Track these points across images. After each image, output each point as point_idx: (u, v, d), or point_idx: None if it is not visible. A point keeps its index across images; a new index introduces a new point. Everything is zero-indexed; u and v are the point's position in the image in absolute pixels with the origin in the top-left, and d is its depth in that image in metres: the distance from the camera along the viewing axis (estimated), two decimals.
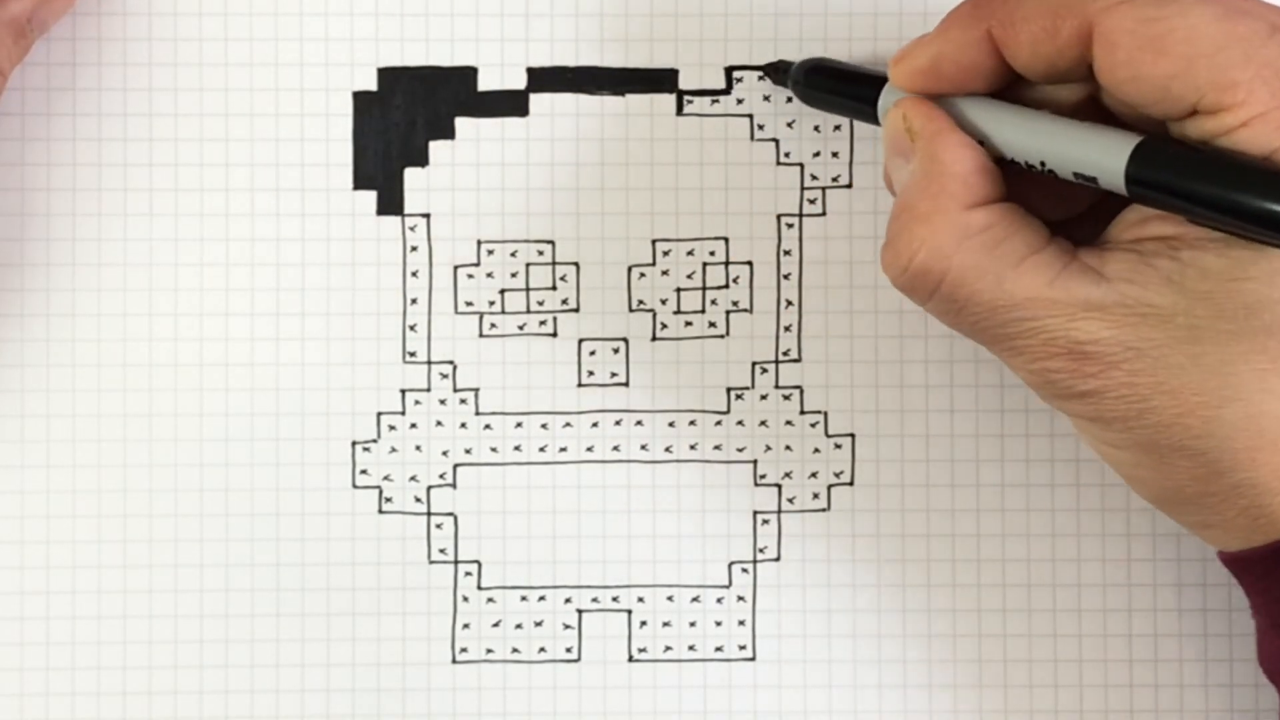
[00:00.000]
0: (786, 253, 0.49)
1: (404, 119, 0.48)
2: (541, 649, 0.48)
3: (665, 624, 0.48)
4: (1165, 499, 0.42)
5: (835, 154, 0.48)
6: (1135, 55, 0.38)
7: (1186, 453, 0.40)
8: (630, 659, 0.48)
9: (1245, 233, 0.38)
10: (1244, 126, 0.38)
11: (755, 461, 0.49)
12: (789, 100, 0.48)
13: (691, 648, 0.48)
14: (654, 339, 0.49)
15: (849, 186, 0.49)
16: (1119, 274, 0.40)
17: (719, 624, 0.48)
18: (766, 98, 0.48)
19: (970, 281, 0.40)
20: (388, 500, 0.48)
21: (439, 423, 0.48)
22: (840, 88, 0.46)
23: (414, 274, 0.48)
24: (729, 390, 0.49)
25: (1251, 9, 0.39)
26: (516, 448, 0.48)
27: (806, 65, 0.47)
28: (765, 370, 0.49)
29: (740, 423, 0.49)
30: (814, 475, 0.49)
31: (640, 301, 0.49)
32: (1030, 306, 0.40)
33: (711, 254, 0.48)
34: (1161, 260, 0.39)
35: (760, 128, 0.48)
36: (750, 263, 0.48)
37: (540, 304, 0.48)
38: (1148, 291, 0.39)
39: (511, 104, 0.49)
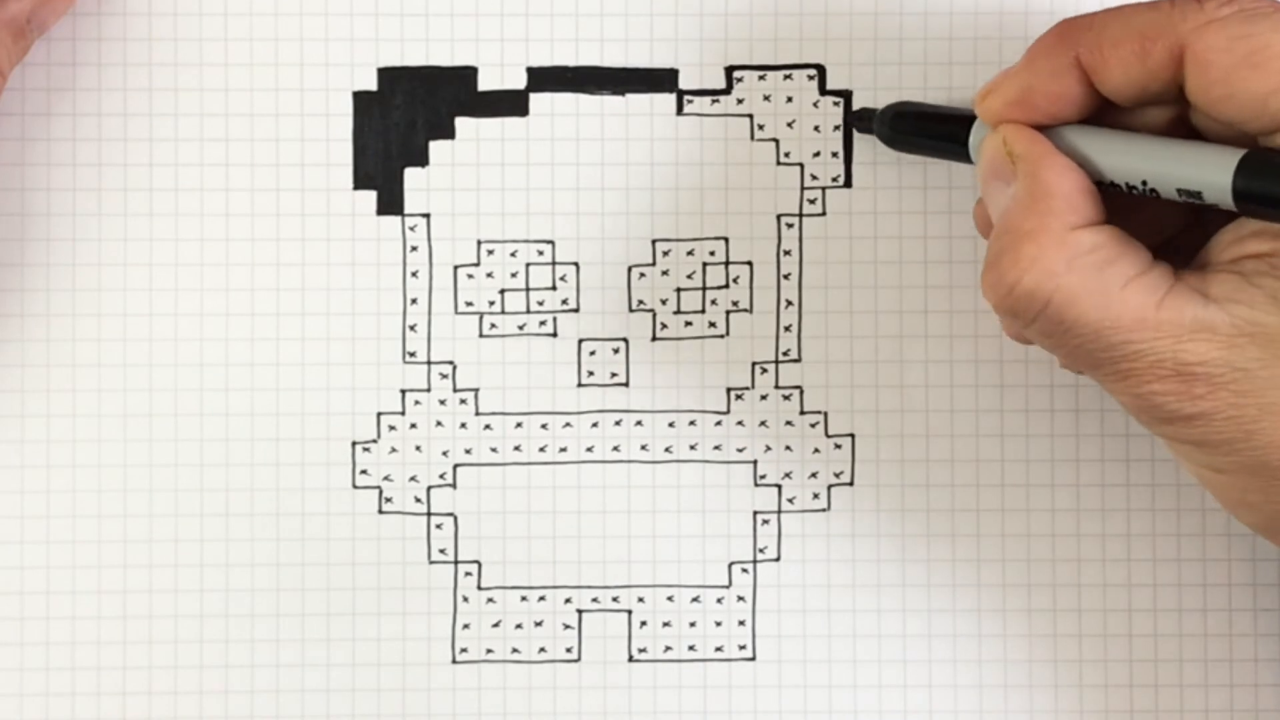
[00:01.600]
0: (786, 253, 0.48)
1: (404, 119, 0.48)
2: (541, 649, 0.48)
3: (665, 624, 0.48)
4: (1274, 525, 0.41)
5: (835, 154, 0.48)
6: (1231, 73, 0.39)
7: None
8: (630, 659, 0.48)
9: None
10: None
11: (755, 461, 0.49)
12: (789, 100, 0.48)
13: (691, 648, 0.48)
14: (654, 339, 0.49)
15: (849, 186, 0.48)
16: (1224, 295, 0.39)
17: (719, 624, 0.48)
18: (766, 98, 0.48)
19: (1078, 302, 0.40)
20: (388, 500, 0.48)
21: (439, 423, 0.48)
22: (929, 128, 0.46)
23: (414, 274, 0.48)
24: (729, 390, 0.49)
25: None
26: (516, 448, 0.48)
27: (891, 110, 0.47)
28: (765, 370, 0.49)
29: (740, 423, 0.49)
30: (814, 475, 0.49)
31: (640, 301, 0.49)
32: (1139, 328, 0.40)
33: (711, 254, 0.48)
34: (1265, 279, 0.39)
35: (760, 128, 0.48)
36: (750, 263, 0.48)
37: (540, 304, 0.48)
38: (1255, 311, 0.39)
39: (511, 104, 0.49)
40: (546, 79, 0.48)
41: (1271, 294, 0.39)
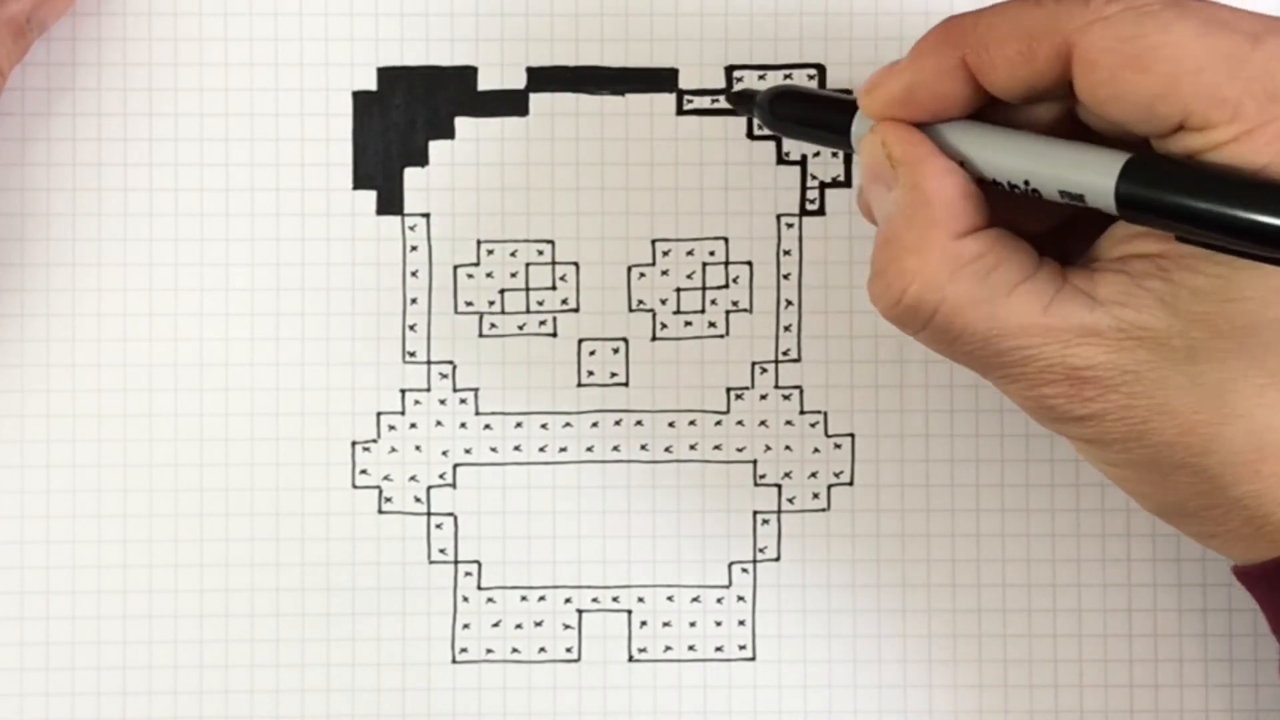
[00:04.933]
0: (786, 253, 0.49)
1: (404, 119, 0.48)
2: (541, 649, 0.48)
3: (665, 624, 0.48)
4: (1168, 512, 0.42)
5: (835, 154, 0.48)
6: (1117, 74, 0.38)
7: (1189, 470, 0.40)
8: (630, 659, 0.49)
9: (1241, 249, 0.37)
10: (1234, 142, 0.37)
11: (755, 461, 0.49)
12: None
13: (691, 648, 0.48)
14: (654, 339, 0.49)
15: (849, 186, 0.48)
16: (1111, 297, 0.39)
17: (719, 624, 0.48)
18: None
19: (964, 312, 0.39)
20: (388, 500, 0.48)
21: (439, 423, 0.48)
22: (810, 115, 0.44)
23: (414, 274, 0.48)
24: (729, 390, 0.49)
25: (1230, 20, 0.38)
26: (516, 448, 0.48)
27: (773, 92, 0.45)
28: (765, 370, 0.49)
29: (740, 423, 0.49)
30: (814, 475, 0.49)
31: (640, 301, 0.49)
32: (1025, 335, 0.39)
33: (711, 254, 0.48)
34: (1153, 281, 0.39)
35: (760, 127, 0.48)
36: (750, 263, 0.48)
37: (540, 304, 0.48)
38: (1142, 315, 0.39)
39: (511, 104, 0.49)
40: (546, 79, 0.48)
41: (1159, 297, 0.39)
